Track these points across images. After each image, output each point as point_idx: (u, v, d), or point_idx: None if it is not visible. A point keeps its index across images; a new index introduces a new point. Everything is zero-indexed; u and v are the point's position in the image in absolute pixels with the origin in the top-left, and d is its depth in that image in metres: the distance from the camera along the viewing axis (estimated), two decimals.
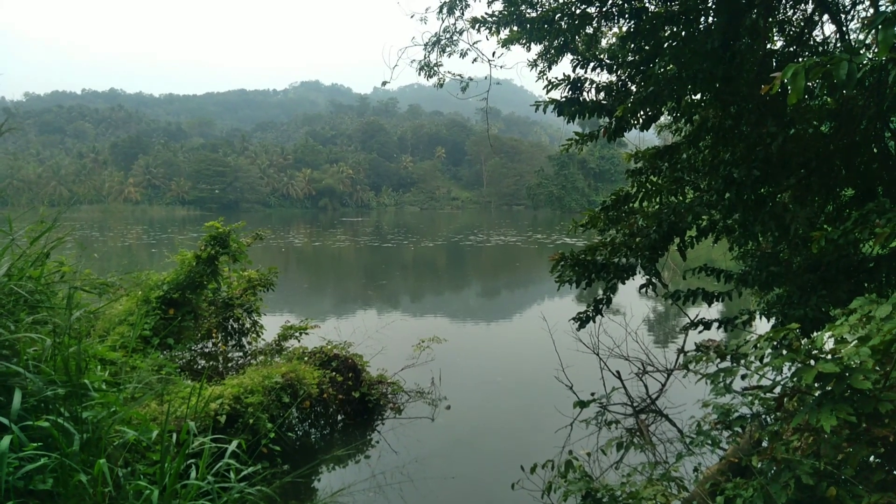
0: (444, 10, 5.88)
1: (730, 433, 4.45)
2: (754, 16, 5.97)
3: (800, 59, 6.48)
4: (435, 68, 6.26)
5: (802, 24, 6.66)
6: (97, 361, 4.69)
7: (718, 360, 4.03)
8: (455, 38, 6.01)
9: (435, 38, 6.03)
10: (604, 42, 7.30)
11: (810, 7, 6.73)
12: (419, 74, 6.16)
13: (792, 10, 6.85)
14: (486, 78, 7.23)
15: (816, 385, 2.98)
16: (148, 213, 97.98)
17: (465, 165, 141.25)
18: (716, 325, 6.36)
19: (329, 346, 8.27)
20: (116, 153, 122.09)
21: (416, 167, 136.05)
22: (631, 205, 6.49)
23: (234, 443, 3.65)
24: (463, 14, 5.98)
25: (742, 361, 3.66)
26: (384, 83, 6.64)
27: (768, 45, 6.24)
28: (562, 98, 6.37)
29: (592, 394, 7.83)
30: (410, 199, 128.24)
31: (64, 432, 3.18)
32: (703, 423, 4.65)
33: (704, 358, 3.97)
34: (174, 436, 3.75)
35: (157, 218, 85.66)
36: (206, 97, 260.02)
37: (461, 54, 6.18)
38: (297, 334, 9.21)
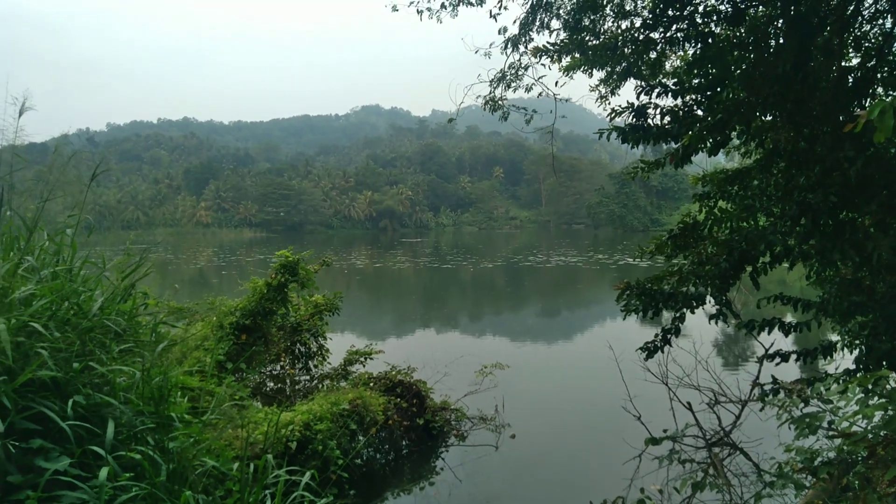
0: (509, 46, 5.97)
1: (815, 479, 4.24)
2: (827, 34, 5.78)
3: (879, 76, 6.24)
4: (500, 102, 6.35)
5: (881, 39, 6.40)
6: (178, 389, 4.93)
7: (803, 405, 3.86)
8: (520, 73, 6.08)
9: (500, 75, 6.12)
10: (668, 65, 7.21)
11: (889, 22, 6.47)
12: (484, 109, 6.25)
13: (869, 26, 6.59)
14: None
15: None
16: (218, 236, 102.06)
17: (524, 185, 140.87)
18: (794, 356, 6.08)
19: (393, 372, 8.38)
20: (189, 178, 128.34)
21: (474, 187, 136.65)
22: (700, 231, 6.33)
23: (308, 474, 3.75)
24: (527, 48, 6.05)
25: (829, 406, 3.49)
26: (450, 120, 6.78)
27: (843, 63, 6.02)
28: (625, 125, 6.31)
29: (665, 430, 7.60)
30: (469, 218, 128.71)
31: (152, 462, 3.35)
32: (784, 466, 4.45)
33: (787, 403, 3.81)
34: (251, 465, 3.88)
35: (226, 240, 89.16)
36: (271, 123, 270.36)
37: (526, 89, 6.24)
38: (362, 359, 9.37)
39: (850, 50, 6.36)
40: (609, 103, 6.86)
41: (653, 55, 6.50)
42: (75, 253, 4.59)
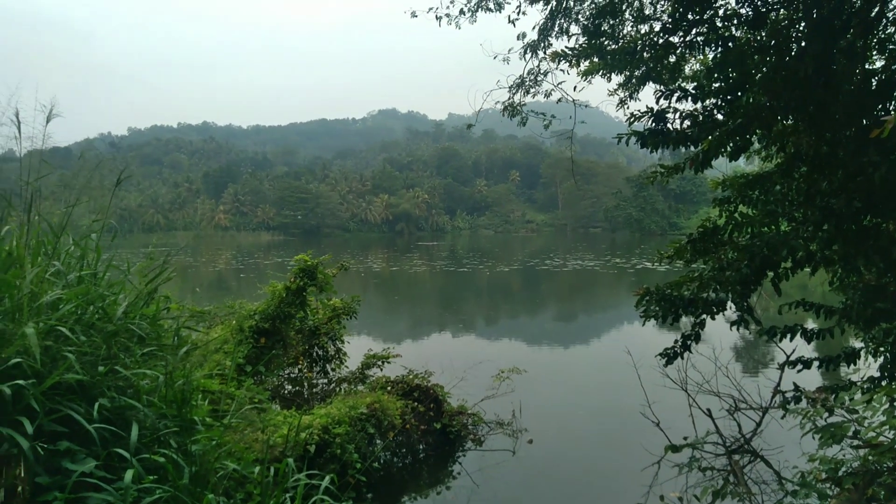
0: (528, 52, 5.97)
1: (839, 489, 4.17)
2: (850, 37, 5.71)
3: None
4: (518, 108, 6.35)
5: None
6: (199, 392, 5.00)
7: (827, 414, 3.81)
8: (539, 78, 6.08)
9: (519, 81, 6.13)
10: (687, 69, 7.15)
11: None
12: (503, 115, 6.27)
13: (893, 28, 6.50)
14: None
15: None
16: (236, 239, 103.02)
17: (540, 188, 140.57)
18: (816, 363, 5.99)
19: (411, 376, 8.40)
20: (208, 182, 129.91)
21: (491, 191, 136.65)
22: (720, 236, 6.26)
23: (327, 478, 3.78)
24: (545, 52, 6.05)
25: (855, 416, 3.44)
26: (469, 126, 6.80)
27: (867, 66, 5.93)
28: (644, 130, 6.27)
29: (685, 438, 7.52)
30: (485, 222, 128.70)
31: (174, 465, 3.40)
32: (807, 475, 4.39)
33: (811, 413, 3.76)
34: (271, 469, 3.92)
35: (245, 243, 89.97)
36: (289, 127, 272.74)
37: (545, 94, 6.24)
38: (379, 363, 9.42)
39: (874, 52, 6.27)
40: (628, 107, 6.82)
41: (672, 59, 6.46)
42: (100, 257, 4.68)
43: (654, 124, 6.31)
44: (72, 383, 3.38)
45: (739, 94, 5.76)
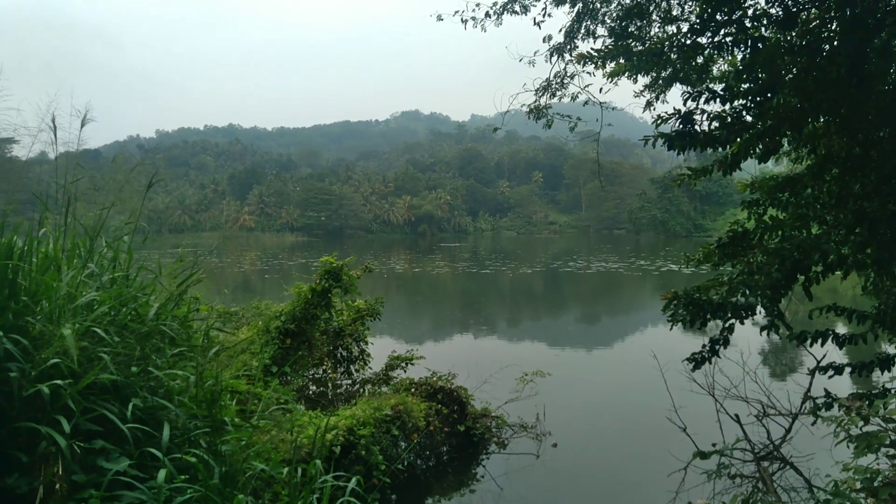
0: (554, 56, 5.95)
1: (874, 500, 4.08)
2: (884, 36, 5.58)
3: None
4: (544, 110, 6.33)
5: None
6: (227, 392, 5.07)
7: (862, 422, 3.73)
8: (566, 81, 6.05)
9: (545, 84, 6.11)
10: (715, 70, 7.06)
11: None
12: (528, 118, 6.25)
13: None
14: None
15: None
16: (260, 240, 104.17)
17: (563, 189, 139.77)
18: (848, 369, 5.87)
19: (434, 378, 8.42)
20: (234, 184, 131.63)
21: (513, 192, 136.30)
22: (750, 240, 6.16)
23: (354, 480, 3.81)
24: (572, 55, 6.02)
25: (891, 426, 3.37)
26: (495, 129, 6.80)
27: None
28: (672, 131, 6.20)
29: (713, 444, 7.40)
30: (507, 223, 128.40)
31: (205, 465, 3.46)
32: (840, 484, 4.30)
33: (845, 421, 3.69)
34: (298, 469, 3.96)
35: (269, 244, 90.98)
36: (313, 129, 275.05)
37: (572, 97, 6.21)
38: (402, 364, 9.46)
39: None
40: (654, 109, 6.75)
41: (700, 60, 6.38)
42: (132, 260, 4.77)
43: (681, 126, 6.23)
44: (106, 383, 3.45)
45: (769, 95, 5.67)
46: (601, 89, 6.41)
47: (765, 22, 5.90)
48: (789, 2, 5.82)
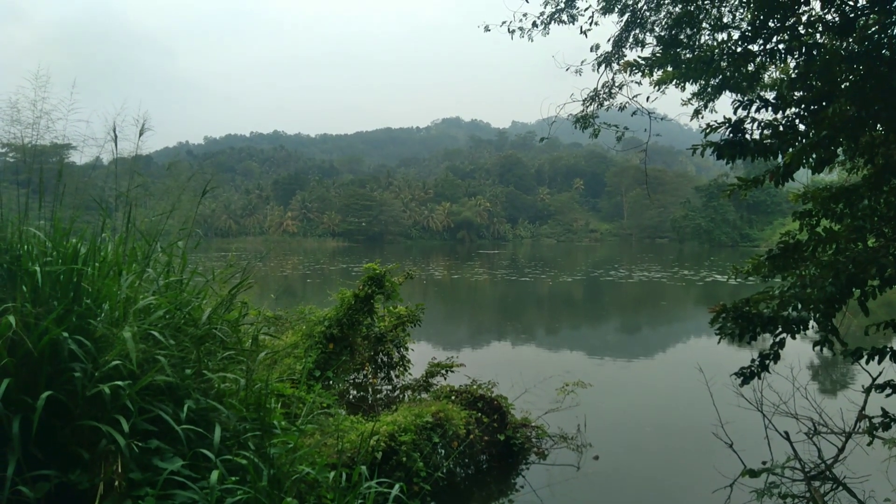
0: (602, 65, 5.92)
1: None
2: None
3: None
4: (591, 120, 6.29)
5: None
6: (274, 395, 5.18)
7: None
8: (614, 91, 6.01)
9: (592, 94, 6.08)
10: (766, 77, 6.89)
11: None
12: (575, 127, 6.23)
13: None
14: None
15: None
16: (302, 245, 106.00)
17: (605, 197, 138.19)
18: None
19: (475, 386, 8.41)
20: (277, 189, 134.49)
21: (553, 199, 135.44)
22: (803, 252, 5.98)
23: (396, 487, 3.85)
24: (619, 63, 5.97)
25: None
26: (542, 139, 6.79)
27: None
28: (721, 140, 6.07)
29: (763, 462, 7.21)
30: (547, 231, 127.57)
31: (254, 467, 3.54)
32: None
33: None
34: (343, 475, 4.02)
35: (310, 249, 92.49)
36: (355, 136, 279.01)
37: (620, 108, 6.16)
38: (443, 371, 9.49)
39: None
40: (702, 117, 6.63)
41: (751, 68, 6.24)
42: (185, 265, 4.93)
43: (731, 135, 6.10)
44: (161, 385, 3.58)
45: (824, 104, 5.50)
46: (648, 98, 6.34)
47: (820, 28, 5.75)
48: (846, 7, 5.65)
